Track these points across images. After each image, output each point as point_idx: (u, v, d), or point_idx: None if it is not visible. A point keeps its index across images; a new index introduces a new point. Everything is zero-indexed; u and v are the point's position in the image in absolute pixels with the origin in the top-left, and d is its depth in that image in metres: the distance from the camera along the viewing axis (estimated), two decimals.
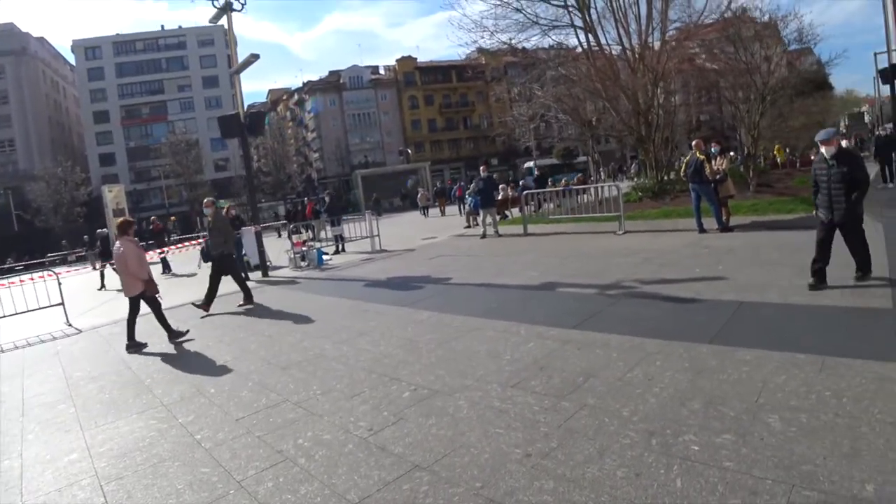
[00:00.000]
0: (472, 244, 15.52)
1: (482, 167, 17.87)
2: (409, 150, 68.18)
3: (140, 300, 8.22)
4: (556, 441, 3.57)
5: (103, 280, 17.59)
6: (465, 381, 4.88)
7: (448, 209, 31.58)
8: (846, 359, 4.23)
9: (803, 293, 6.13)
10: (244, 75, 19.29)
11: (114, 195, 23.89)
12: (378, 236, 17.08)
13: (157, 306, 8.29)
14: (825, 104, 39.71)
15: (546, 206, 17.79)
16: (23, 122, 62.68)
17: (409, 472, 3.45)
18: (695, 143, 12.34)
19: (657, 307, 6.57)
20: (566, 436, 3.63)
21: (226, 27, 15.32)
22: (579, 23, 20.38)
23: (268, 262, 14.88)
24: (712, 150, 11.94)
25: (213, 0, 14.64)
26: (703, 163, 11.52)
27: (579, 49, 22.09)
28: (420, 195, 36.49)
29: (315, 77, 79.23)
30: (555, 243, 13.53)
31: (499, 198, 19.12)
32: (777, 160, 30.87)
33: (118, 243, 8.19)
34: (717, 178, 11.48)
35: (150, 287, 8.20)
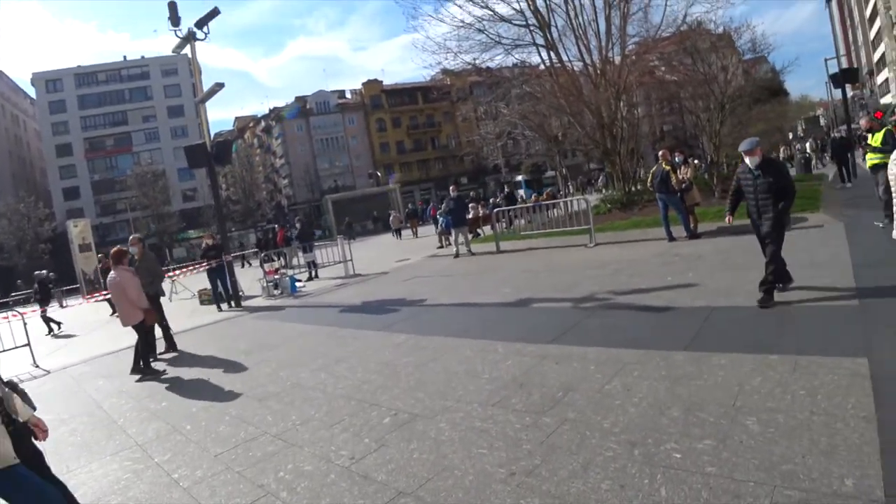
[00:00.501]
0: (445, 264, 15.52)
1: (452, 187, 17.96)
2: (379, 173, 68.26)
3: (143, 325, 8.15)
4: (540, 458, 3.56)
5: (49, 324, 16.21)
6: (446, 402, 4.85)
7: (421, 230, 31.59)
8: (818, 357, 4.32)
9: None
10: (210, 103, 19.13)
11: (79, 230, 23.43)
12: (351, 261, 16.97)
13: (148, 338, 8.29)
14: (782, 110, 40.96)
15: (517, 222, 17.91)
16: None
17: (393, 499, 3.39)
18: (661, 153, 12.58)
19: (632, 317, 6.64)
20: (549, 452, 3.61)
21: (190, 56, 15.21)
22: (541, 41, 20.80)
23: (240, 292, 14.66)
24: (676, 159, 12.20)
25: (175, 30, 14.51)
26: (668, 173, 11.76)
27: (542, 66, 22.49)
28: (392, 217, 36.48)
29: (281, 103, 79.13)
30: (527, 259, 13.61)
31: (470, 216, 19.21)
32: None
33: (113, 273, 8.12)
34: (682, 187, 11.71)
35: (150, 317, 8.17)
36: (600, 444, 3.58)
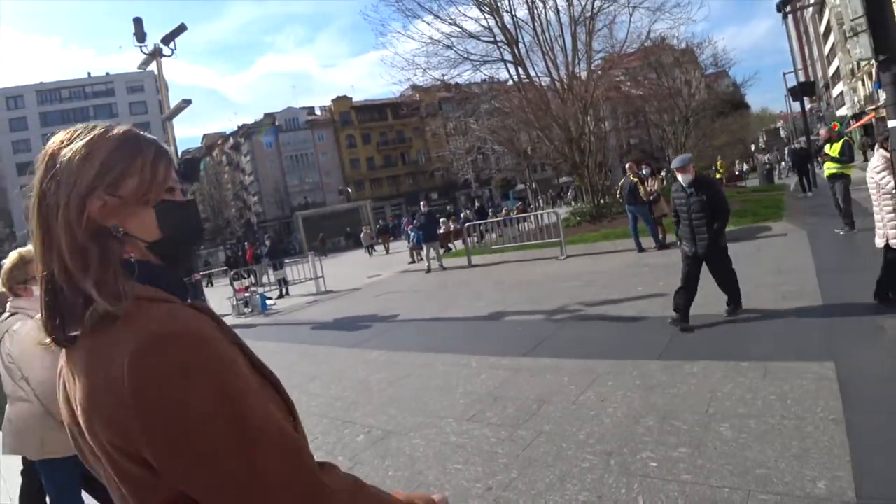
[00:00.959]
0: (417, 279, 15.46)
1: (423, 202, 17.97)
2: (350, 189, 67.97)
3: None
4: (517, 471, 3.52)
5: None
6: (420, 418, 4.78)
7: (393, 246, 31.47)
8: (786, 362, 4.39)
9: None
10: (177, 120, 18.87)
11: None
12: (322, 277, 16.79)
13: None
14: (743, 122, 42.24)
15: (488, 236, 17.96)
16: None
17: None
18: (628, 166, 12.77)
19: (604, 328, 6.68)
20: (525, 465, 3.58)
21: (156, 73, 14.99)
22: (509, 57, 21.04)
23: None
24: (643, 171, 12.40)
25: (141, 46, 14.30)
26: (637, 185, 11.95)
27: (510, 82, 22.76)
28: (364, 233, 36.27)
29: (250, 120, 78.49)
30: (499, 273, 13.64)
31: (441, 231, 19.21)
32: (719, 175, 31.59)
33: None
34: (650, 198, 11.90)
35: None
36: (576, 456, 3.56)
